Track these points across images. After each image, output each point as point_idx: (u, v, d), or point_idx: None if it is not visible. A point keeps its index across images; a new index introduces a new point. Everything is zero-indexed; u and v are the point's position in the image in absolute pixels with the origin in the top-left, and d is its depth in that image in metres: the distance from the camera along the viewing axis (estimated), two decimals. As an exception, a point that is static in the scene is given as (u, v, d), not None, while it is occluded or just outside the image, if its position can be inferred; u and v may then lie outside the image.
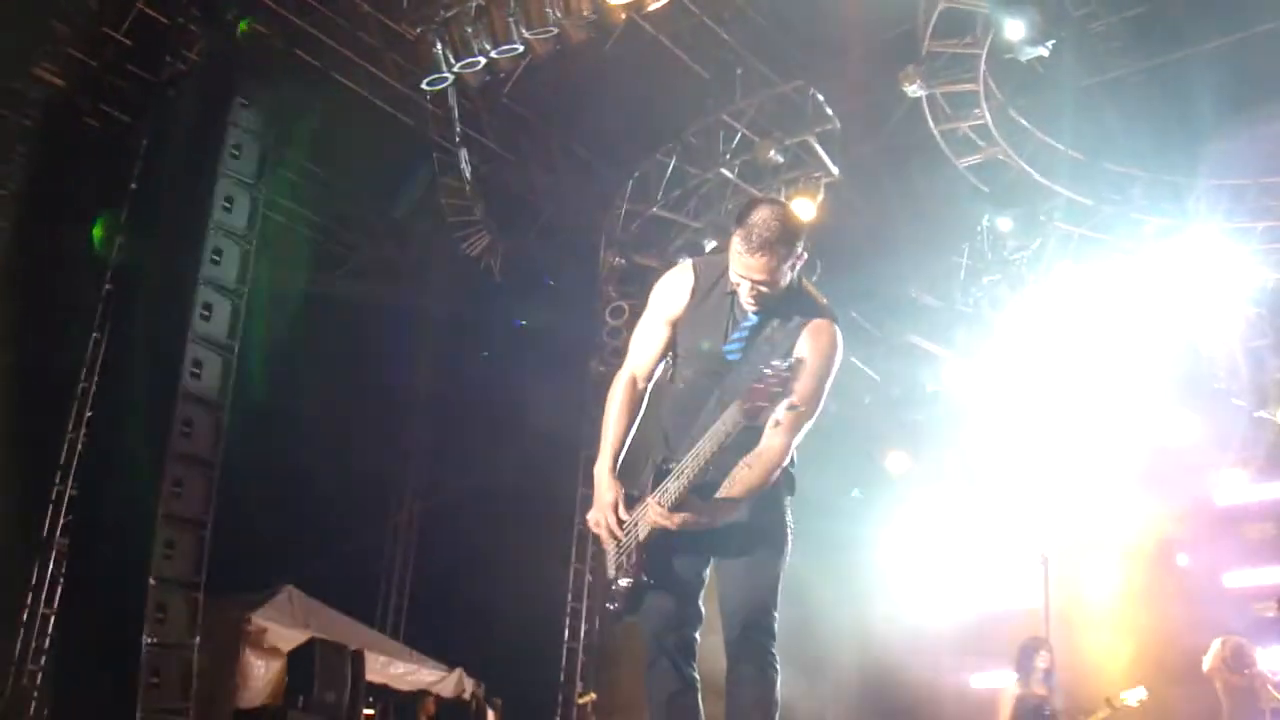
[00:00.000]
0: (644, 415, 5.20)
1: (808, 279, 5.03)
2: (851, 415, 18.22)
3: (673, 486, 4.76)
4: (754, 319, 4.91)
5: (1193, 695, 15.96)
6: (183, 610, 11.50)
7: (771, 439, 4.85)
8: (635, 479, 5.04)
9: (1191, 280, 15.24)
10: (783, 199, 4.86)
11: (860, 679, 22.11)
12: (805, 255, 4.89)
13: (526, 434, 17.51)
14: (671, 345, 5.19)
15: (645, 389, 5.21)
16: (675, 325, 5.14)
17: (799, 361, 4.69)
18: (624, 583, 4.96)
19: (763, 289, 4.80)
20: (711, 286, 5.04)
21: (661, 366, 5.23)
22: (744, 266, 4.76)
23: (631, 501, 4.99)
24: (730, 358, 4.95)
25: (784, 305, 4.90)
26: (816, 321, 4.93)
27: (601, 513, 5.02)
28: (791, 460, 5.03)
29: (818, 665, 19.92)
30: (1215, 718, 14.24)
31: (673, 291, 5.15)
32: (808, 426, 4.93)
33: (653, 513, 4.81)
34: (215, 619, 12.90)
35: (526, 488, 17.21)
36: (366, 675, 14.73)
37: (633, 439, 5.13)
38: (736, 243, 4.76)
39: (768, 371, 4.42)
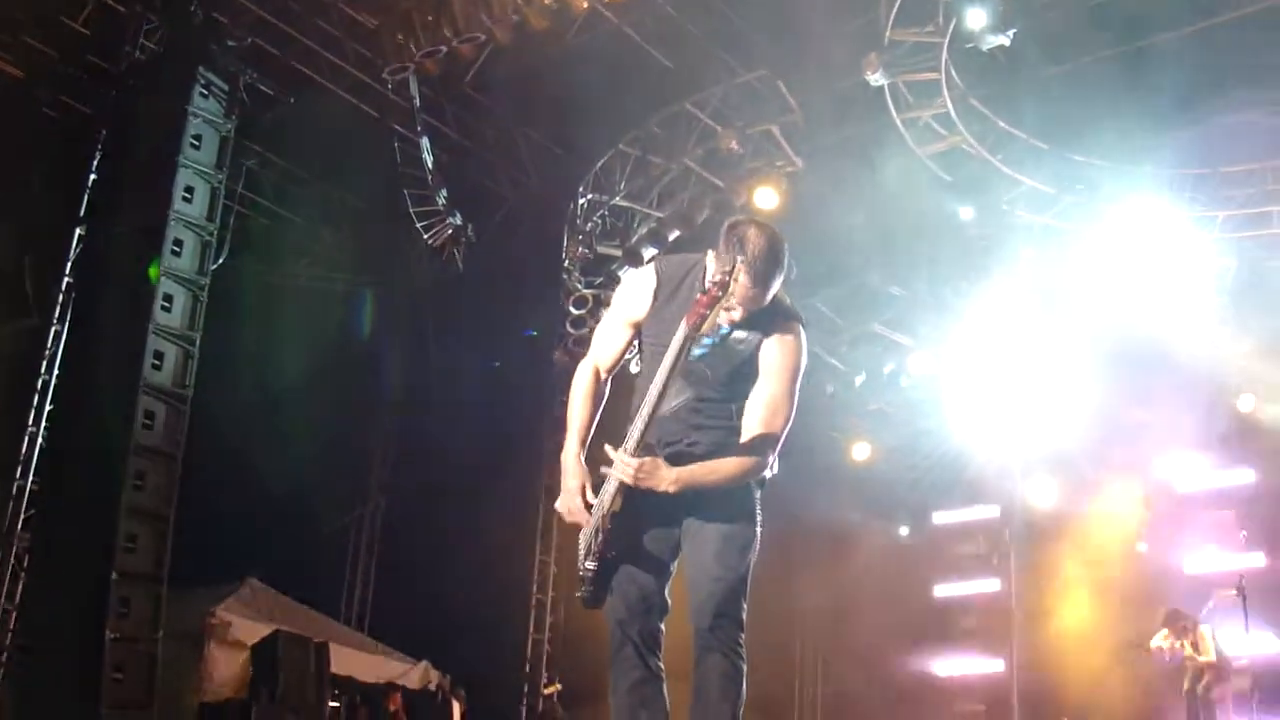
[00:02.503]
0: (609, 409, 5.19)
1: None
2: (815, 404, 18.25)
3: (635, 429, 4.75)
4: (725, 329, 4.91)
5: (1152, 679, 16.16)
6: (146, 604, 11.47)
7: (755, 448, 4.86)
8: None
9: (1154, 269, 15.34)
10: (766, 222, 4.79)
11: (827, 664, 22.28)
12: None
13: (491, 425, 17.46)
14: (634, 343, 5.19)
15: (608, 379, 5.22)
16: (638, 327, 5.14)
17: (765, 372, 4.85)
18: (590, 565, 4.94)
19: (751, 310, 4.82)
20: (676, 288, 5.02)
21: (624, 360, 5.24)
22: (743, 296, 4.72)
23: (600, 485, 4.96)
24: (693, 355, 4.93)
25: (753, 314, 4.89)
26: (783, 324, 4.95)
27: (568, 497, 5.00)
28: (772, 465, 5.02)
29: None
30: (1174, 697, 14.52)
31: (634, 295, 5.12)
32: (786, 430, 4.94)
33: (616, 464, 4.77)
34: (178, 612, 12.83)
35: (491, 479, 17.14)
36: (332, 668, 14.65)
37: (600, 431, 5.12)
38: (738, 274, 4.64)
39: (709, 285, 4.49)
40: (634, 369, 5.21)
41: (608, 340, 5.22)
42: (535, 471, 16.91)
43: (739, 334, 4.90)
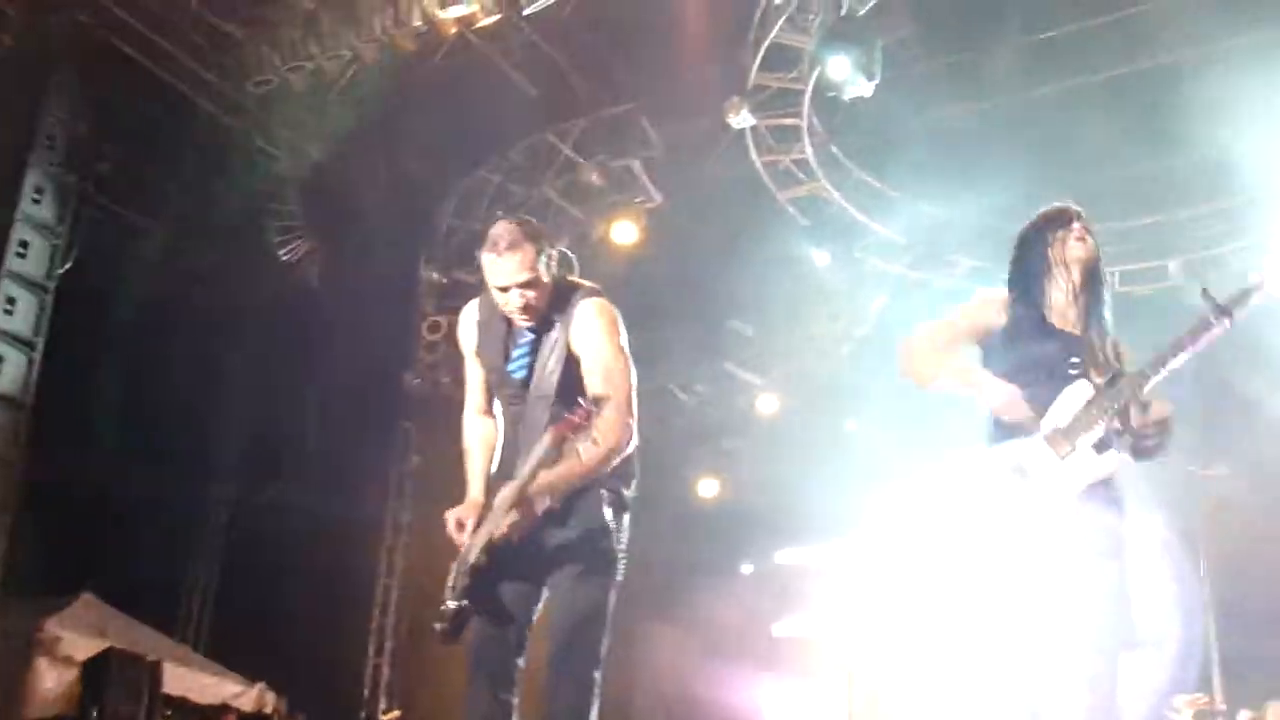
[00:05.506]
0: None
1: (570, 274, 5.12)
2: (662, 440, 18.31)
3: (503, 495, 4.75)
4: (531, 334, 4.96)
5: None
6: (-28, 614, 11.18)
7: (605, 421, 4.70)
8: None
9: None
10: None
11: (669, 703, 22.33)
12: (556, 252, 4.98)
13: (337, 447, 17.29)
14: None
15: (491, 416, 5.23)
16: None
17: (585, 348, 4.86)
18: (452, 604, 4.90)
19: (529, 294, 4.83)
20: (490, 315, 5.09)
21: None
22: (503, 275, 4.80)
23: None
24: (517, 375, 4.99)
25: (554, 307, 4.94)
26: (582, 303, 4.97)
27: (461, 511, 4.94)
28: (626, 481, 5.01)
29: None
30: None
31: (464, 330, 5.24)
32: (633, 389, 4.90)
33: (486, 525, 4.75)
34: (6, 625, 12.52)
35: (335, 502, 16.97)
36: (165, 688, 14.36)
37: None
38: (486, 259, 4.83)
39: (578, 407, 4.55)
40: None
41: (470, 382, 5.29)
42: (380, 495, 16.79)
43: (546, 340, 4.95)
